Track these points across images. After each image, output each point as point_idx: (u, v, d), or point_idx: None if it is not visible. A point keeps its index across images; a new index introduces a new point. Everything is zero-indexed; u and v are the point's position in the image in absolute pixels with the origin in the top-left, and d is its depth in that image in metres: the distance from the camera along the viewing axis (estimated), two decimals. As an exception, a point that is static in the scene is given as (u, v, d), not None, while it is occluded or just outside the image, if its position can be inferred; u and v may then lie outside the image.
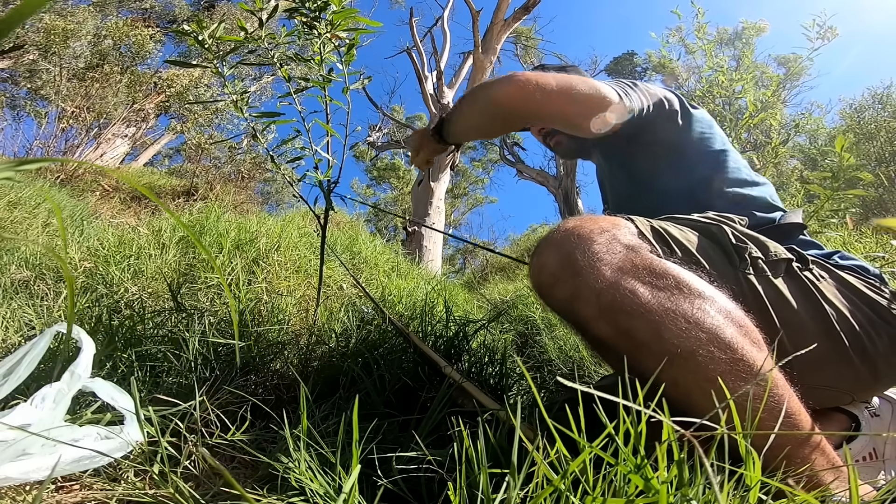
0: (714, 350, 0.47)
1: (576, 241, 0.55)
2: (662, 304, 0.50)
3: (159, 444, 0.52)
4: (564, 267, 0.54)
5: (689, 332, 0.48)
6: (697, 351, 0.47)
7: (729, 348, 0.48)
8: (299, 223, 2.78)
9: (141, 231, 1.78)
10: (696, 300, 0.50)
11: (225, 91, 0.86)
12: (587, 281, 0.52)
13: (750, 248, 0.65)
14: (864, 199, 3.87)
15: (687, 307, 0.50)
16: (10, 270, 1.15)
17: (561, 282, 0.54)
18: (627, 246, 0.56)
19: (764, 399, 0.45)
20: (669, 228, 0.64)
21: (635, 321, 0.50)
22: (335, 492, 0.45)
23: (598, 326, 0.52)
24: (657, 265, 0.53)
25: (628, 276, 0.52)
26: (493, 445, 0.50)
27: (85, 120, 5.65)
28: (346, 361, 0.85)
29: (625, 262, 0.53)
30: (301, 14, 0.75)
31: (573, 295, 0.53)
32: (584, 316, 0.53)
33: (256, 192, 7.86)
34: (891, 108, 6.29)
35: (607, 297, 0.51)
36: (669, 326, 0.48)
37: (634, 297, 0.50)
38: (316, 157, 0.85)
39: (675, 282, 0.52)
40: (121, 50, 7.51)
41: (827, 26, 3.14)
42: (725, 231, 0.67)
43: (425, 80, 7.11)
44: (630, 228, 0.60)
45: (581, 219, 0.59)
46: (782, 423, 0.46)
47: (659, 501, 0.32)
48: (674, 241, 0.62)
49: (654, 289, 0.51)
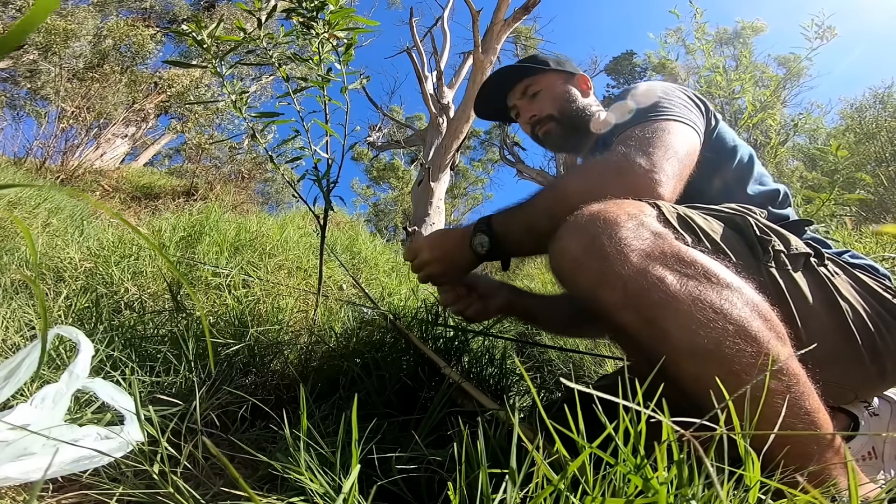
0: (741, 343, 0.46)
1: (602, 225, 0.53)
2: (690, 293, 0.48)
3: (159, 444, 0.52)
4: (589, 252, 0.52)
5: (716, 324, 0.47)
6: (724, 343, 0.46)
7: (755, 342, 0.47)
8: (299, 223, 2.78)
9: (141, 231, 1.77)
10: (724, 291, 0.49)
11: (224, 91, 0.87)
12: (614, 267, 0.50)
13: (773, 241, 0.64)
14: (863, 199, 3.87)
15: (715, 298, 0.48)
16: (10, 270, 1.15)
17: (585, 267, 0.53)
18: (655, 232, 0.54)
19: (786, 396, 0.44)
20: (694, 217, 0.62)
21: (662, 310, 0.48)
22: (335, 491, 0.45)
23: (623, 315, 0.51)
24: (685, 253, 0.52)
25: (656, 264, 0.50)
26: (493, 445, 0.50)
27: (85, 120, 5.65)
28: (346, 361, 0.85)
29: (653, 249, 0.51)
30: (298, 14, 0.75)
31: (598, 281, 0.51)
32: (608, 303, 0.51)
33: (256, 193, 7.86)
34: (891, 108, 6.29)
35: (634, 284, 0.49)
36: (697, 317, 0.47)
37: (662, 286, 0.49)
38: (315, 157, 0.85)
39: (703, 271, 0.50)
40: (121, 50, 7.51)
41: (825, 26, 3.13)
42: (750, 222, 0.66)
43: (425, 80, 7.11)
44: (657, 214, 0.58)
45: (605, 203, 0.56)
46: (801, 422, 0.45)
47: (659, 501, 0.32)
48: (699, 229, 0.61)
49: (682, 277, 0.49)
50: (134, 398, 0.56)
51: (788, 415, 0.45)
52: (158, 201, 5.45)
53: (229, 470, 0.25)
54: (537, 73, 1.03)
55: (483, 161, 16.35)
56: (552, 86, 1.02)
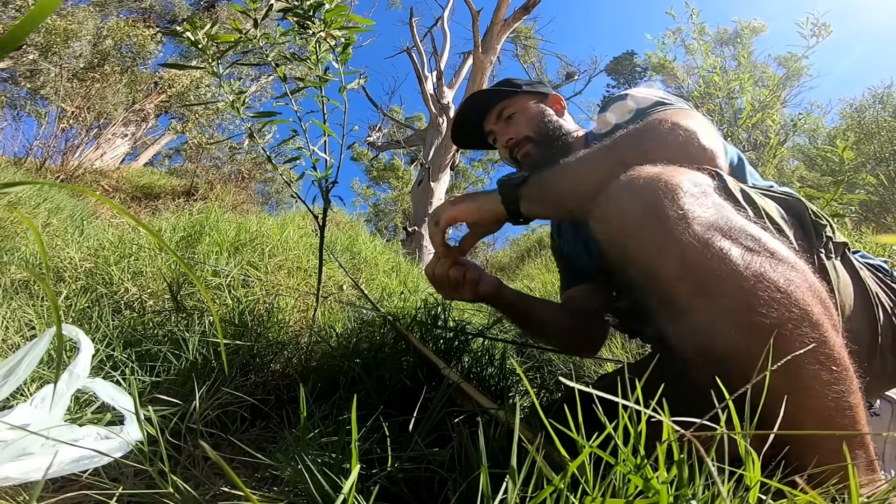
0: (802, 328, 0.44)
1: (664, 189, 0.49)
2: (755, 270, 0.45)
3: (159, 444, 0.52)
4: (649, 215, 0.49)
5: (779, 304, 0.44)
6: (785, 325, 0.44)
7: (816, 328, 0.44)
8: (299, 223, 2.78)
9: (141, 231, 1.78)
10: (790, 272, 0.46)
11: (222, 91, 0.86)
12: (675, 234, 0.47)
13: (827, 227, 0.63)
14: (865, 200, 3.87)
15: (779, 277, 0.45)
16: (9, 270, 1.15)
17: (642, 231, 0.49)
18: (718, 204, 0.51)
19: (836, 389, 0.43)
20: (752, 194, 0.60)
21: (723, 284, 0.45)
22: (334, 491, 0.45)
23: (678, 286, 0.47)
24: (750, 228, 0.49)
25: (719, 235, 0.47)
26: (493, 446, 0.50)
27: (85, 120, 5.65)
28: (346, 362, 0.85)
29: (716, 220, 0.48)
30: (294, 13, 0.75)
31: (655, 247, 0.48)
32: (663, 272, 0.48)
33: (256, 192, 7.86)
34: (891, 108, 6.29)
35: (695, 253, 0.46)
36: (760, 295, 0.44)
37: (726, 258, 0.45)
38: (313, 156, 0.85)
39: (768, 249, 0.47)
40: (121, 50, 7.51)
41: (821, 23, 3.13)
42: (805, 205, 0.64)
43: (425, 80, 7.11)
44: (719, 185, 0.56)
45: (665, 167, 0.53)
46: (845, 417, 0.44)
47: (659, 502, 0.32)
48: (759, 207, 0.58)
49: (747, 252, 0.46)
50: (133, 398, 0.56)
51: (834, 408, 0.44)
52: (158, 201, 5.45)
53: (227, 472, 0.25)
54: (511, 97, 1.03)
55: (483, 161, 16.35)
56: (526, 107, 1.02)
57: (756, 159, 3.26)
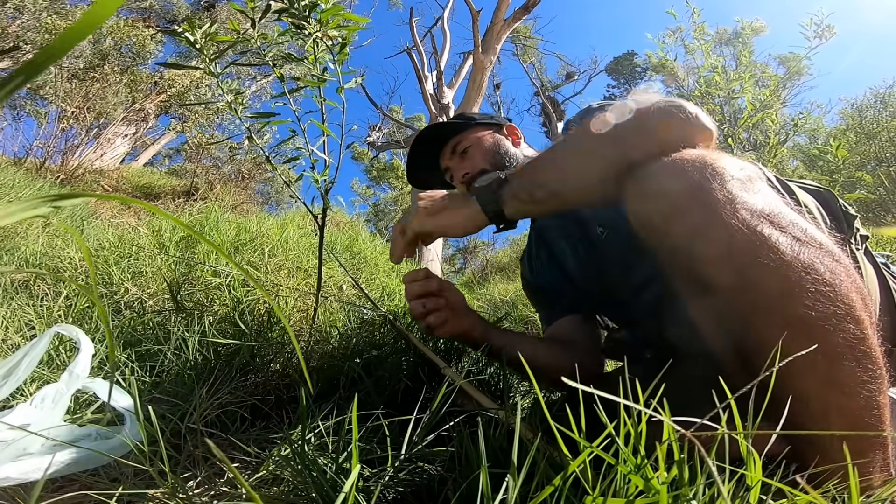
0: (846, 324, 0.43)
1: (711, 172, 0.48)
2: (803, 261, 0.44)
3: (159, 444, 0.52)
4: (695, 196, 0.47)
5: (825, 297, 0.43)
6: (830, 320, 0.42)
7: (859, 325, 0.43)
8: (299, 223, 2.78)
9: (141, 231, 1.78)
10: (836, 266, 0.45)
11: (220, 91, 0.86)
12: (721, 217, 0.45)
13: (858, 218, 0.63)
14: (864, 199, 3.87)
15: (826, 271, 0.44)
16: (9, 270, 1.15)
17: (686, 213, 0.47)
18: (766, 191, 0.50)
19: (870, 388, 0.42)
20: (791, 185, 0.59)
21: (770, 273, 0.44)
22: (334, 491, 0.45)
23: (720, 272, 0.46)
24: (798, 220, 0.47)
25: (769, 224, 0.46)
26: (493, 445, 0.50)
27: (85, 120, 5.65)
28: (347, 362, 0.85)
29: (765, 207, 0.47)
30: (290, 14, 0.75)
31: (699, 229, 0.46)
32: (706, 256, 0.46)
33: (256, 193, 7.87)
34: (892, 108, 6.28)
35: (742, 239, 0.44)
36: (808, 287, 0.43)
37: (775, 246, 0.44)
38: (312, 157, 0.85)
39: (816, 240, 0.46)
40: (121, 50, 7.51)
41: (824, 25, 3.13)
42: (836, 197, 0.64)
43: (425, 80, 7.11)
44: (763, 175, 0.54)
45: (708, 151, 0.52)
46: (872, 417, 0.44)
47: (660, 502, 0.32)
48: (798, 198, 0.58)
49: (795, 242, 0.45)
50: (133, 398, 0.56)
51: (864, 406, 0.43)
52: (158, 201, 5.45)
53: (230, 469, 0.25)
54: (464, 130, 0.99)
55: (483, 161, 16.32)
56: (481, 140, 0.98)
57: (756, 159, 3.26)
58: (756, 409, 0.35)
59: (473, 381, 0.91)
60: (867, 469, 0.44)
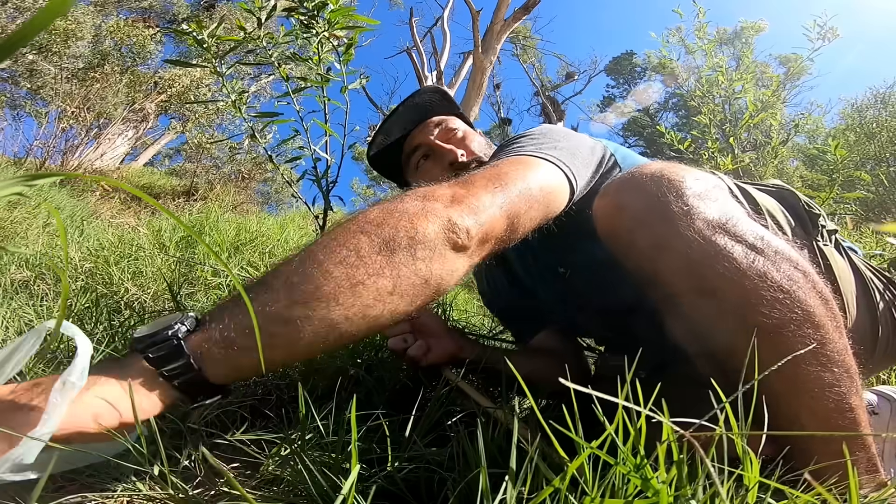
0: (805, 329, 0.43)
1: (668, 185, 0.49)
2: (758, 269, 0.45)
3: (159, 445, 0.52)
4: (653, 210, 0.48)
5: (782, 304, 0.44)
6: (787, 326, 0.43)
7: (819, 330, 0.44)
8: (300, 223, 2.78)
9: (141, 231, 1.78)
10: (794, 272, 0.46)
11: (224, 91, 0.87)
12: (679, 229, 0.46)
13: (822, 215, 0.63)
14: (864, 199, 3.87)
15: (783, 278, 0.45)
16: (9, 270, 1.15)
17: (645, 226, 0.49)
18: (721, 201, 0.50)
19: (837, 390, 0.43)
20: (751, 190, 0.60)
21: (726, 282, 0.45)
22: (334, 491, 0.45)
23: (681, 282, 0.47)
24: (753, 228, 0.48)
25: (723, 233, 0.47)
26: (492, 446, 0.50)
27: (85, 120, 5.65)
28: (347, 362, 0.85)
29: (720, 218, 0.48)
30: (299, 13, 0.75)
31: (658, 243, 0.48)
32: (666, 268, 0.48)
33: (256, 193, 7.87)
34: (892, 108, 6.29)
35: (699, 250, 0.46)
36: (763, 294, 0.44)
37: (729, 256, 0.45)
38: (314, 156, 0.85)
39: (771, 248, 0.47)
40: (121, 50, 7.51)
41: (828, 27, 3.14)
42: (798, 196, 0.64)
43: (425, 80, 7.12)
44: (721, 184, 0.55)
45: (667, 164, 0.53)
46: (845, 419, 0.44)
47: (659, 502, 0.32)
48: (759, 203, 0.58)
49: (750, 251, 0.46)
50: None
51: (835, 409, 0.43)
52: (158, 201, 5.45)
53: (226, 475, 0.25)
54: (451, 114, 0.88)
55: (483, 161, 16.33)
56: (473, 133, 0.88)
57: (757, 159, 3.26)
58: (745, 412, 0.36)
59: (473, 382, 0.92)
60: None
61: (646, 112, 15.47)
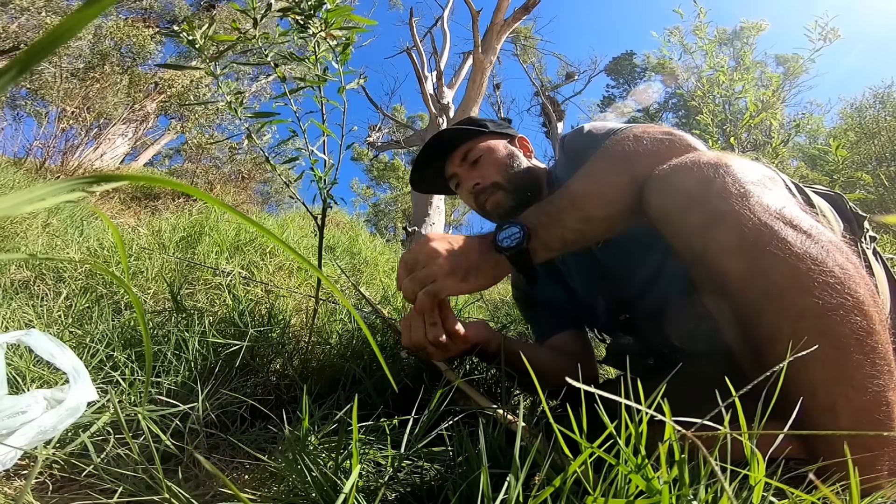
0: (856, 317, 0.44)
1: (725, 169, 0.51)
2: (812, 254, 0.45)
3: (160, 445, 0.52)
4: (709, 190, 0.50)
5: (834, 290, 0.44)
6: (837, 311, 0.43)
7: (867, 319, 0.44)
8: (300, 223, 2.78)
9: (141, 231, 1.78)
10: (846, 262, 0.46)
11: (220, 91, 0.86)
12: (735, 208, 0.48)
13: (867, 219, 0.65)
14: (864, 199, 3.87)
15: (835, 266, 0.45)
16: (9, 270, 1.15)
17: (700, 204, 0.50)
18: (777, 190, 0.52)
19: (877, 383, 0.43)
20: (806, 190, 0.62)
21: (779, 262, 0.45)
22: (334, 491, 0.44)
23: (732, 260, 0.48)
24: (808, 217, 0.49)
25: (778, 218, 0.48)
26: (493, 445, 0.50)
27: (85, 120, 5.65)
28: (347, 362, 0.84)
29: (776, 203, 0.49)
30: (295, 13, 0.74)
31: (713, 219, 0.49)
32: (718, 245, 0.48)
33: (256, 193, 7.87)
34: (891, 108, 6.28)
35: (754, 229, 0.47)
36: (815, 278, 0.44)
37: (784, 238, 0.46)
38: (312, 157, 0.85)
39: (825, 237, 0.47)
40: (121, 50, 7.51)
41: (829, 28, 3.13)
42: (845, 199, 0.67)
43: (425, 81, 7.11)
44: (776, 176, 0.57)
45: (724, 153, 0.55)
46: (881, 414, 0.44)
47: (661, 502, 0.32)
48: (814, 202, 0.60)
49: (805, 237, 0.47)
50: (133, 397, 0.56)
51: (872, 402, 0.43)
52: (158, 201, 5.44)
53: (221, 478, 0.24)
54: (476, 137, 0.93)
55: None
56: (494, 150, 0.92)
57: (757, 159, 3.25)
58: (765, 406, 0.35)
59: (476, 384, 0.91)
60: (874, 467, 0.44)
61: (646, 112, 15.47)
